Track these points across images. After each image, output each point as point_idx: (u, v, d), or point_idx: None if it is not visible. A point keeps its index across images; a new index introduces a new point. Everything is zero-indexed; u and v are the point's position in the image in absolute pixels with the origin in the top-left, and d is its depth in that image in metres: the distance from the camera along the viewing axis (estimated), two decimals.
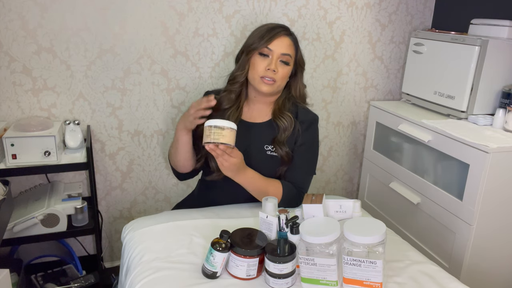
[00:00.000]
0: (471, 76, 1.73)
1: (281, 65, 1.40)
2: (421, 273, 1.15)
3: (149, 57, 1.85)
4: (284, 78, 1.43)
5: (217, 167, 1.39)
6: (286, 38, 1.42)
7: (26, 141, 1.53)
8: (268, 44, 1.39)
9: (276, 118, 1.45)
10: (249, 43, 1.43)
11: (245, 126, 1.46)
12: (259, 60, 1.40)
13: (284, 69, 1.41)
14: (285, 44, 1.41)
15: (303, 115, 1.48)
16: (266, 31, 1.41)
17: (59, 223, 1.64)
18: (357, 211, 1.17)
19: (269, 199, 1.23)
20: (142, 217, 1.43)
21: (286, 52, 1.40)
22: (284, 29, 1.43)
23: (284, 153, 1.43)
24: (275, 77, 1.39)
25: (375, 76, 2.26)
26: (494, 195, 1.56)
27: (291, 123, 1.44)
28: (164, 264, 1.13)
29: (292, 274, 1.07)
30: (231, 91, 1.48)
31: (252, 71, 1.42)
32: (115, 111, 1.88)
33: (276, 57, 1.39)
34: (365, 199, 2.26)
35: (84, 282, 1.82)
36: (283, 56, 1.40)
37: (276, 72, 1.39)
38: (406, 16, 2.20)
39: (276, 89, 1.43)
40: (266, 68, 1.39)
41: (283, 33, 1.42)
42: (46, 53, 1.71)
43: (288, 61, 1.41)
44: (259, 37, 1.41)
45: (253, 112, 1.50)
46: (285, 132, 1.44)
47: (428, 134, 1.77)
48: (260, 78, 1.40)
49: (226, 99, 1.47)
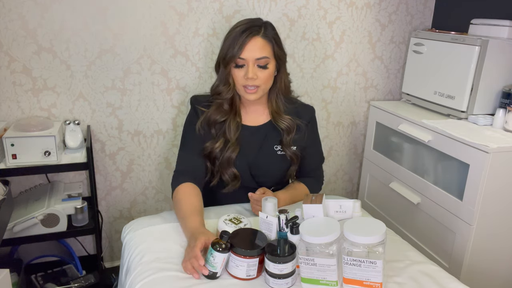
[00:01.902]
0: (471, 76, 1.73)
1: (259, 70, 1.34)
2: (421, 273, 1.15)
3: (149, 57, 1.85)
4: (268, 80, 1.38)
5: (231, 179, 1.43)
6: (257, 39, 1.33)
7: (26, 141, 1.53)
8: (240, 53, 1.32)
9: (276, 121, 1.45)
10: (222, 54, 1.37)
11: (250, 130, 1.46)
12: (236, 72, 1.36)
13: (264, 72, 1.35)
14: (258, 47, 1.33)
15: (303, 112, 1.50)
16: (233, 39, 1.33)
17: (59, 223, 1.64)
18: (357, 211, 1.17)
19: (269, 199, 1.23)
20: (142, 217, 1.42)
21: (261, 55, 1.33)
22: (255, 28, 1.34)
23: (292, 154, 1.46)
24: (257, 83, 1.35)
25: (375, 76, 2.26)
26: (494, 195, 1.56)
27: (292, 124, 1.44)
28: (164, 265, 1.13)
29: (292, 274, 1.07)
30: (221, 105, 1.42)
31: (235, 83, 1.38)
32: (115, 111, 1.88)
33: (252, 64, 1.33)
34: (365, 199, 2.26)
35: (84, 282, 1.82)
36: (259, 61, 1.33)
37: (256, 79, 1.34)
38: (406, 16, 2.20)
39: (262, 93, 1.40)
40: (244, 77, 1.34)
41: (252, 35, 1.32)
42: (46, 53, 1.71)
43: (265, 64, 1.34)
44: (229, 47, 1.34)
45: (251, 115, 1.48)
46: (289, 134, 1.44)
47: (428, 134, 1.77)
48: (242, 87, 1.36)
49: (219, 112, 1.42)
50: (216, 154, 1.41)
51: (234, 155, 1.41)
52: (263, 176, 1.47)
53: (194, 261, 1.07)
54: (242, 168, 1.44)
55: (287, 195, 1.47)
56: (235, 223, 1.20)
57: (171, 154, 2.02)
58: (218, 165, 1.42)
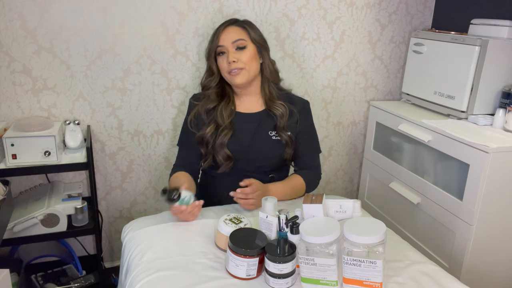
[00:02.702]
0: (471, 76, 1.73)
1: (238, 52, 1.45)
2: (421, 273, 1.15)
3: (149, 57, 1.85)
4: (250, 60, 1.47)
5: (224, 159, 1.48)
6: (231, 27, 1.48)
7: (26, 141, 1.53)
8: (218, 42, 1.47)
9: (270, 108, 1.53)
10: (207, 49, 1.54)
11: (244, 117, 1.53)
12: (220, 60, 1.49)
13: (244, 53, 1.46)
14: (232, 33, 1.46)
15: (296, 100, 1.59)
16: (212, 35, 1.51)
17: (59, 223, 1.64)
18: (357, 211, 1.17)
19: (269, 199, 1.23)
20: (142, 217, 1.43)
21: (236, 38, 1.45)
22: (229, 21, 1.50)
23: (287, 137, 1.52)
24: (239, 66, 1.44)
25: (375, 76, 2.26)
26: (494, 195, 1.56)
27: (285, 110, 1.52)
28: (164, 264, 1.13)
29: (292, 274, 1.07)
30: (208, 95, 1.54)
31: (222, 71, 1.51)
32: (115, 111, 1.88)
33: (230, 49, 1.45)
34: (365, 199, 2.26)
35: (84, 282, 1.82)
36: (235, 43, 1.45)
37: (237, 61, 1.44)
38: (406, 16, 2.20)
39: (249, 76, 1.47)
40: (227, 63, 1.45)
41: (226, 25, 1.49)
42: (46, 53, 1.71)
43: (242, 45, 1.46)
44: (210, 41, 1.52)
45: (246, 103, 1.56)
46: (282, 118, 1.52)
47: (428, 134, 1.77)
48: (228, 74, 1.47)
49: (208, 102, 1.53)
50: (208, 139, 1.49)
51: (226, 139, 1.47)
52: (259, 161, 1.52)
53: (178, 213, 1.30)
54: (236, 152, 1.49)
55: (280, 185, 1.50)
56: (235, 223, 1.20)
57: (171, 154, 2.02)
58: (210, 148, 1.49)
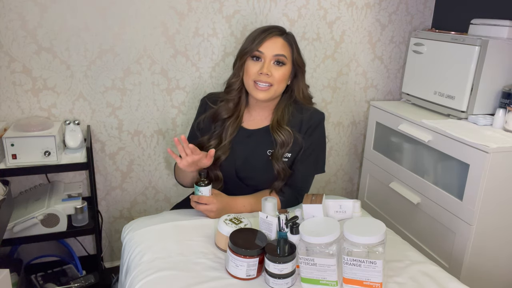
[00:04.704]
0: (471, 76, 1.73)
1: (275, 67, 1.35)
2: (421, 273, 1.15)
3: (149, 57, 1.85)
4: (282, 81, 1.37)
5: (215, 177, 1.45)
6: (278, 38, 1.36)
7: (26, 141, 1.53)
8: (259, 46, 1.34)
9: (274, 132, 1.40)
10: (242, 48, 1.39)
11: (246, 133, 1.46)
12: (251, 64, 1.36)
13: (279, 71, 1.35)
14: (278, 45, 1.35)
15: (308, 119, 1.44)
16: (257, 33, 1.37)
17: (59, 223, 1.64)
18: (357, 211, 1.17)
19: (269, 199, 1.23)
20: (142, 217, 1.43)
21: (279, 52, 1.35)
22: (277, 30, 1.38)
23: (281, 169, 1.40)
24: (270, 81, 1.34)
25: (375, 76, 2.26)
26: (494, 195, 1.56)
27: (288, 139, 1.39)
28: (164, 264, 1.13)
29: (292, 274, 1.07)
30: (228, 100, 1.44)
31: (246, 76, 1.38)
32: (115, 111, 1.88)
33: (268, 60, 1.34)
34: (365, 199, 2.26)
35: (84, 282, 1.82)
36: (276, 57, 1.34)
37: (270, 76, 1.33)
38: (406, 16, 2.20)
39: (273, 94, 1.37)
40: (258, 72, 1.34)
41: (275, 33, 1.36)
42: (46, 53, 1.71)
43: (282, 61, 1.35)
44: (251, 40, 1.37)
45: (254, 118, 1.47)
46: (282, 148, 1.40)
47: (428, 134, 1.77)
48: (253, 83, 1.35)
49: (224, 109, 1.45)
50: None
51: (223, 157, 1.43)
52: (250, 179, 1.45)
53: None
54: (228, 171, 1.45)
55: (249, 199, 1.42)
56: (235, 223, 1.20)
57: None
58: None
